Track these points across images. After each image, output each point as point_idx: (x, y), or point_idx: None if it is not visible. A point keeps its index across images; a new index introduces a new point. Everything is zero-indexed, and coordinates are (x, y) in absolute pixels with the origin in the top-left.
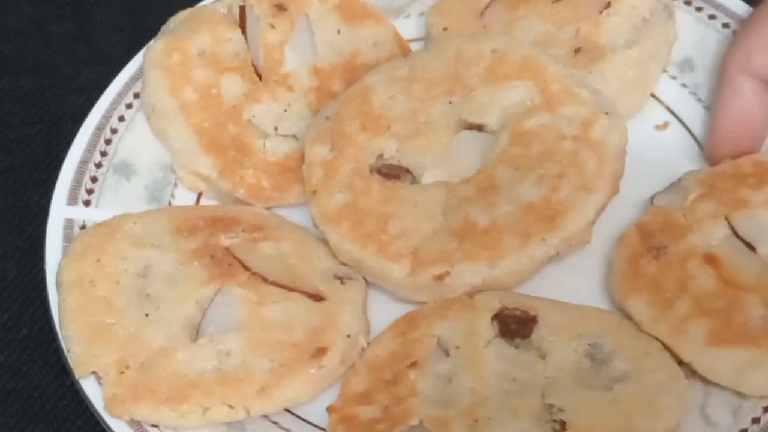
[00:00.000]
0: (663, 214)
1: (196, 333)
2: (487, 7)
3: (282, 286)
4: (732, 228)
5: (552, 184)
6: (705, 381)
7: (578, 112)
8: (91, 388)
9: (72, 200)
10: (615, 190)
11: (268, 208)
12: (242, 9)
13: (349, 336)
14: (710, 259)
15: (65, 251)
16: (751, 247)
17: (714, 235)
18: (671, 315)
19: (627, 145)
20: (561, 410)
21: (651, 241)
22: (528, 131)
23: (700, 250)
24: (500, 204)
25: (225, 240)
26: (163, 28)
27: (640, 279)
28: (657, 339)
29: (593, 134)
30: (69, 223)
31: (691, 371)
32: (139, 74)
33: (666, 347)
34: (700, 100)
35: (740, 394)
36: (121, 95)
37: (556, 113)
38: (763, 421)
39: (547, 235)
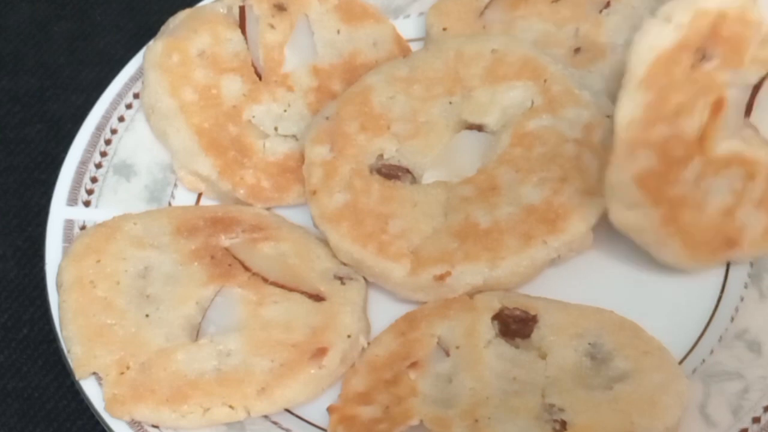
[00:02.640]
0: (745, 22)
1: (196, 333)
2: (486, 7)
3: (282, 287)
4: (759, 83)
5: (554, 187)
6: (705, 381)
7: (580, 115)
8: (91, 389)
9: (72, 201)
10: None
11: (268, 209)
12: (242, 9)
13: (349, 336)
14: (716, 105)
15: (65, 252)
16: (749, 110)
17: (744, 79)
18: (646, 129)
19: None
20: (561, 410)
21: (709, 42)
22: (529, 133)
23: (720, 89)
24: (501, 205)
25: (225, 240)
26: (163, 28)
27: (662, 75)
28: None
29: (595, 138)
30: (69, 224)
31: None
32: (139, 74)
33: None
34: None
35: (740, 394)
36: (120, 95)
37: (557, 115)
38: (763, 421)
39: (548, 238)
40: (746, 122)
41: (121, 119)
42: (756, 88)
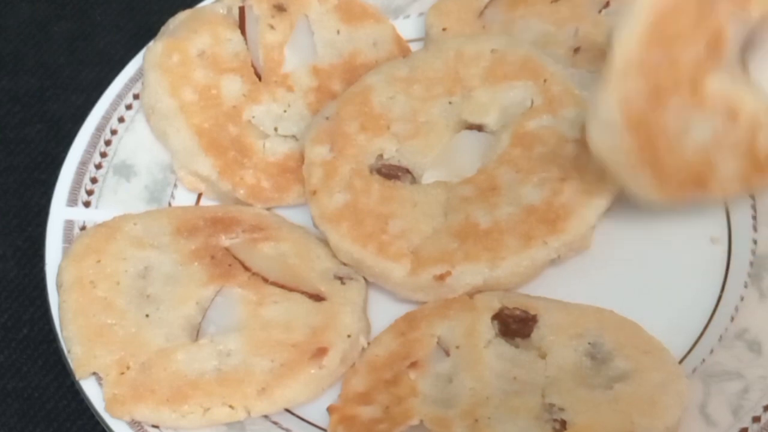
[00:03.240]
0: None
1: (196, 333)
2: (486, 8)
3: (282, 287)
4: (761, 22)
5: (554, 188)
6: (706, 380)
7: (580, 115)
8: (91, 389)
9: (72, 201)
10: (617, 194)
11: (268, 209)
12: (242, 10)
13: (349, 336)
14: (715, 41)
15: (65, 252)
16: (745, 48)
17: (747, 15)
18: (642, 50)
19: None
20: (561, 409)
21: None
22: (529, 133)
23: (722, 22)
24: (501, 205)
25: (225, 240)
26: (163, 28)
27: (669, 19)
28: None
29: None
30: (69, 224)
31: None
32: (139, 75)
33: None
34: None
35: (741, 394)
36: (120, 96)
37: (557, 115)
38: (763, 420)
39: (548, 238)
40: (741, 60)
41: (121, 120)
42: (755, 29)
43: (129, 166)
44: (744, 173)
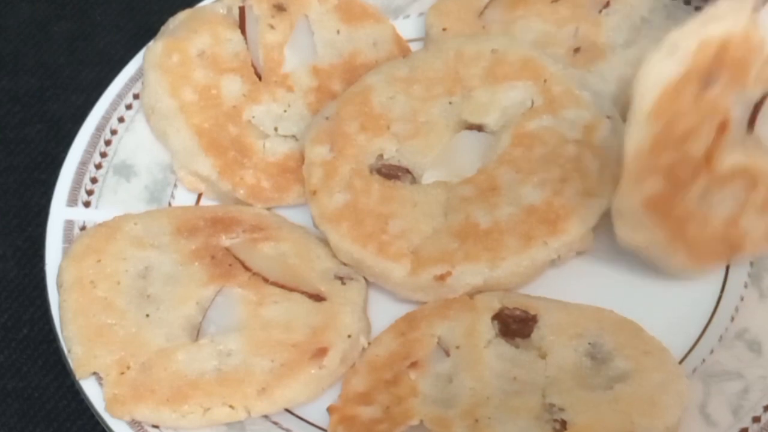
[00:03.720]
0: (749, 44)
1: (196, 333)
2: (486, 7)
3: (282, 287)
4: (762, 98)
5: (554, 188)
6: (706, 380)
7: (580, 116)
8: (91, 389)
9: (72, 201)
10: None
11: (268, 209)
12: (242, 9)
13: (349, 336)
14: (722, 126)
15: (65, 252)
16: (751, 123)
17: (748, 96)
18: (654, 156)
19: None
20: (561, 409)
21: (715, 67)
22: (530, 133)
23: (725, 111)
24: (502, 205)
25: (225, 240)
26: (163, 28)
27: (671, 103)
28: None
29: (596, 139)
30: (69, 224)
31: None
32: (139, 75)
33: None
34: None
35: (741, 394)
36: (120, 96)
37: (558, 116)
38: (763, 420)
39: (548, 239)
40: (749, 136)
41: (121, 120)
42: (758, 105)
43: (129, 166)
44: None
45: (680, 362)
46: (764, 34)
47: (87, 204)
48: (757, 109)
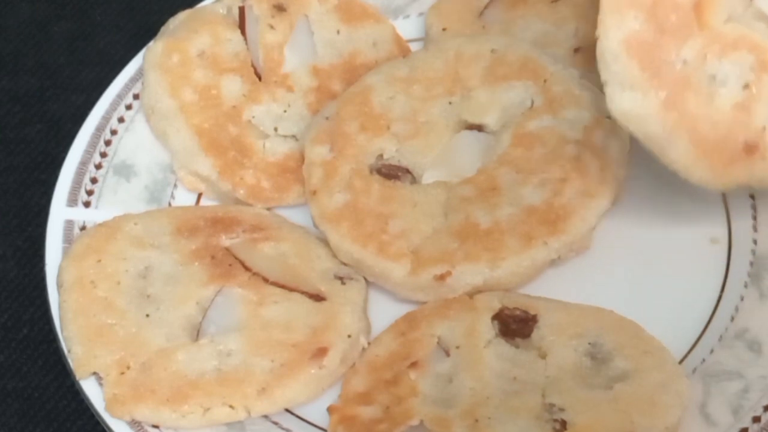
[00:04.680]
0: None
1: (196, 333)
2: (485, 7)
3: (282, 287)
4: None
5: (554, 189)
6: (706, 380)
7: (580, 116)
8: (91, 389)
9: (72, 201)
10: (617, 195)
11: (268, 209)
12: (241, 10)
13: (349, 336)
14: None
15: (66, 252)
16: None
17: None
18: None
19: (629, 150)
20: (561, 409)
21: None
22: (530, 133)
23: None
24: (502, 205)
25: (225, 240)
26: (163, 29)
27: None
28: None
29: (596, 139)
30: (69, 224)
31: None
32: (139, 75)
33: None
34: None
35: (741, 393)
36: (120, 96)
37: (558, 116)
38: (763, 420)
39: (548, 239)
40: (752, 8)
41: (120, 120)
42: None
43: (129, 166)
44: None
45: (680, 362)
46: None
47: (87, 204)
48: None
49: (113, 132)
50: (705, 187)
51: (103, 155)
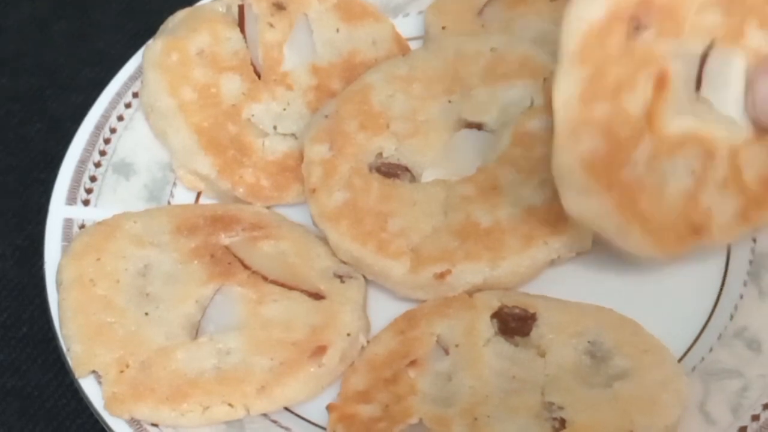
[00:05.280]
0: None
1: (196, 332)
2: (485, 6)
3: (282, 285)
4: (705, 55)
5: (555, 189)
6: (705, 379)
7: None
8: (90, 387)
9: (71, 200)
10: None
11: (267, 207)
12: (241, 8)
13: (348, 334)
14: (660, 80)
15: (65, 250)
16: (698, 83)
17: (687, 50)
18: (586, 108)
19: None
20: (561, 408)
21: (642, 10)
22: (530, 133)
23: (661, 61)
24: (502, 205)
25: (225, 239)
26: (162, 27)
27: (596, 48)
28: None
29: None
30: (68, 223)
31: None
32: (138, 74)
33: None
34: None
35: (740, 392)
36: (119, 95)
37: None
38: (762, 419)
39: (549, 239)
40: (697, 96)
41: (120, 118)
42: (702, 60)
43: (128, 165)
44: (742, 211)
45: (679, 360)
46: None
47: (86, 202)
48: (701, 66)
49: (112, 130)
50: (651, 258)
51: (103, 154)
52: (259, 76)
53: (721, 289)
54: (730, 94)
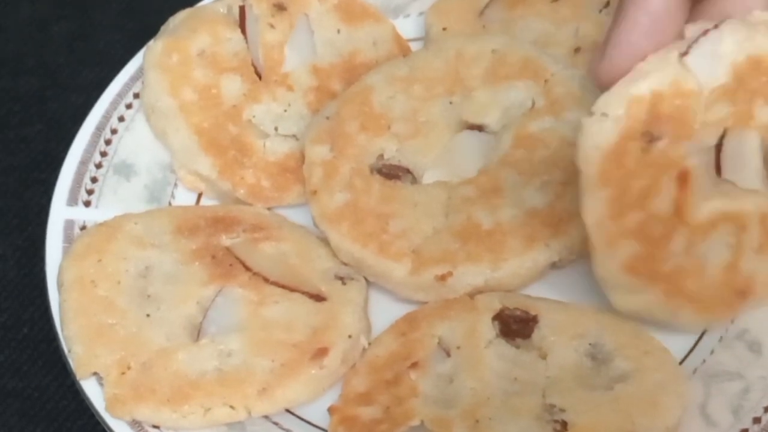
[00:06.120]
0: (684, 94)
1: (197, 333)
2: (486, 7)
3: (283, 287)
4: (719, 143)
5: (557, 191)
6: (706, 381)
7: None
8: (91, 389)
9: (72, 201)
10: None
11: (268, 208)
12: (242, 9)
13: (350, 336)
14: (681, 179)
15: (66, 251)
16: (718, 169)
17: (702, 145)
18: (618, 222)
19: None
20: (562, 410)
21: (652, 124)
22: (531, 135)
23: (680, 163)
24: (504, 207)
25: (226, 240)
26: (163, 28)
27: (615, 169)
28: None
29: None
30: (69, 224)
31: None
32: (139, 74)
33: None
34: None
35: (741, 394)
36: (120, 95)
37: (560, 118)
38: (764, 421)
39: (550, 241)
40: (720, 180)
41: (121, 119)
42: (718, 148)
43: (129, 166)
44: None
45: (681, 362)
46: (698, 77)
47: (87, 203)
48: (718, 152)
49: (113, 131)
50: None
51: (104, 154)
52: (259, 77)
53: None
54: (750, 169)
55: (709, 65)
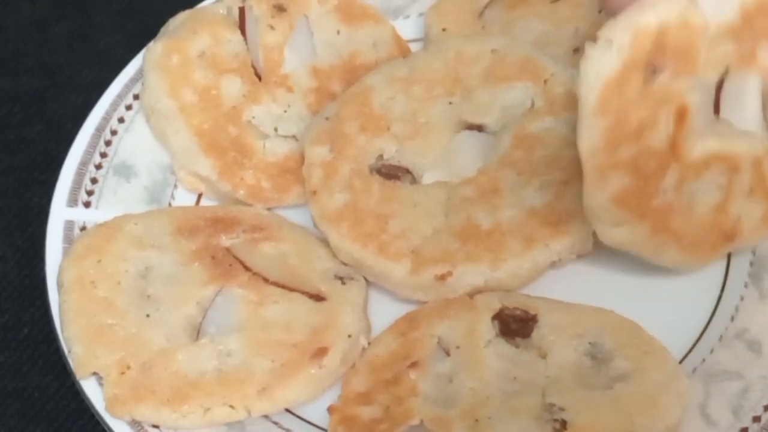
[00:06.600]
0: (690, 28)
1: (197, 333)
2: (485, 8)
3: (283, 287)
4: (720, 81)
5: (556, 191)
6: (706, 380)
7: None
8: (91, 389)
9: (72, 202)
10: None
11: (268, 209)
12: (241, 10)
13: (349, 336)
14: (680, 115)
15: (66, 252)
16: (717, 108)
17: (703, 81)
18: (612, 153)
19: None
20: (562, 409)
21: (656, 56)
22: (531, 135)
23: (680, 98)
24: (503, 207)
25: (225, 240)
26: (163, 29)
27: (615, 98)
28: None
29: None
30: (69, 225)
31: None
32: (139, 76)
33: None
34: None
35: (741, 393)
36: (120, 96)
37: (559, 117)
38: (763, 420)
39: (550, 241)
40: (718, 119)
41: (121, 120)
42: (718, 87)
43: (129, 167)
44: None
45: (680, 362)
46: (706, 12)
47: (87, 204)
48: (718, 91)
49: (113, 132)
50: (687, 269)
51: (103, 155)
52: (259, 78)
53: (722, 291)
54: (749, 112)
55: (718, 1)
